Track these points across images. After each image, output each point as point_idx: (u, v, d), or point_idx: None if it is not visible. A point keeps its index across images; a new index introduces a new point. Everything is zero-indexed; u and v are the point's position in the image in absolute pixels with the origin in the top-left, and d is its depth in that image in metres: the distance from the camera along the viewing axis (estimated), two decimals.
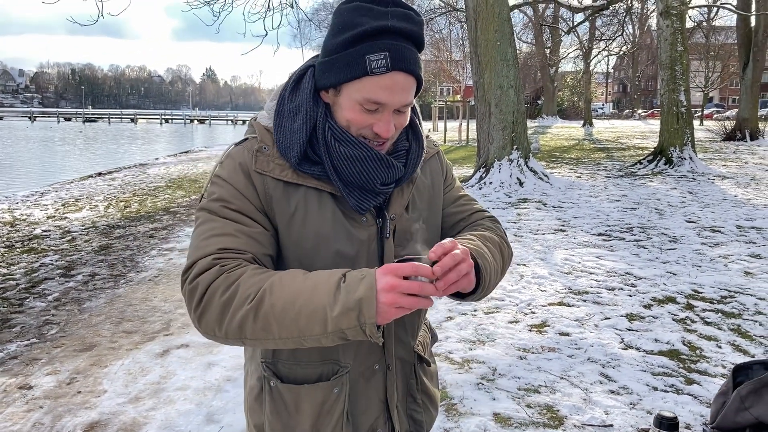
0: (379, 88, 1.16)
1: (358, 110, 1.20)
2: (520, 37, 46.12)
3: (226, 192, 1.23)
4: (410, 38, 1.18)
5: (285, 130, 1.26)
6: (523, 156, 12.31)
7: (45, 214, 10.16)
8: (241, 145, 1.29)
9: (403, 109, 1.23)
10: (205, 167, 19.04)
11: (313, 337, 1.08)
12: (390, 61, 1.14)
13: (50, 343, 4.54)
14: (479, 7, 12.00)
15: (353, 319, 1.05)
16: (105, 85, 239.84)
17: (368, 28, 1.14)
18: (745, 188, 11.81)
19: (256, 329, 1.09)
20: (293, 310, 1.07)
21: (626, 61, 66.16)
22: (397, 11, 1.17)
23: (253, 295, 1.09)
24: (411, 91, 1.21)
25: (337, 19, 1.19)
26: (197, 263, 1.15)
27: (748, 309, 5.02)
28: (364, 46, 1.15)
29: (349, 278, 1.08)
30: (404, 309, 1.06)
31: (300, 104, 1.26)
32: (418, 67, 1.20)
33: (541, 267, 6.34)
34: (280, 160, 1.25)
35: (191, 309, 1.14)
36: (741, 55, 24.33)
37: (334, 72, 1.19)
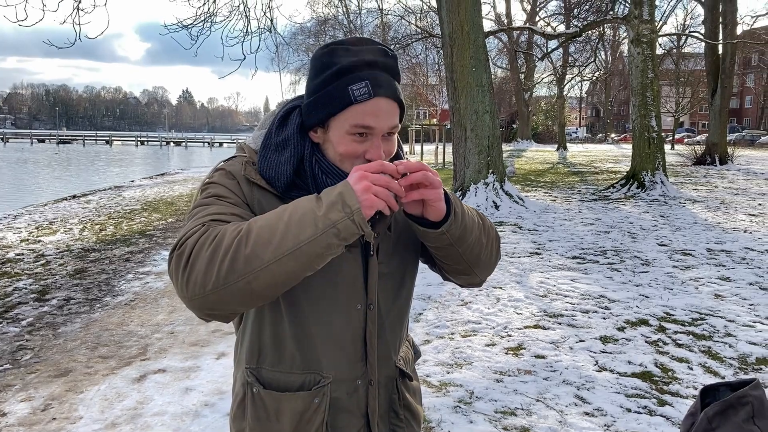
0: (365, 114, 1.23)
1: (349, 140, 1.25)
2: (495, 62, 46.82)
3: (219, 190, 1.28)
4: (386, 70, 1.26)
5: (271, 162, 1.30)
6: (499, 180, 12.46)
7: (18, 238, 10.04)
8: (230, 161, 1.36)
9: (390, 135, 1.29)
10: (181, 190, 18.94)
11: (308, 242, 1.09)
12: (371, 89, 1.22)
13: (24, 369, 4.49)
14: (455, 34, 12.20)
15: (339, 211, 1.10)
16: (80, 107, 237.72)
17: (346, 64, 1.22)
18: (715, 212, 12.06)
19: (248, 258, 1.08)
20: (282, 222, 1.11)
21: (599, 87, 67.33)
22: (371, 48, 1.26)
23: (239, 229, 1.12)
24: (395, 115, 1.27)
25: (316, 62, 1.28)
26: (187, 232, 1.17)
27: (718, 331, 5.13)
28: (345, 80, 1.22)
29: (324, 191, 1.16)
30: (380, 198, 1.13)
31: (287, 138, 1.31)
32: (398, 92, 1.27)
33: (517, 290, 6.42)
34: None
35: (179, 271, 1.12)
36: (710, 82, 24.92)
37: (320, 109, 1.26)
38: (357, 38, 1.28)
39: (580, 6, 23.83)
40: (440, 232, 1.27)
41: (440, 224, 1.26)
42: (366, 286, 1.36)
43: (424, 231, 1.28)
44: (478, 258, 1.38)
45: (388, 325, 1.43)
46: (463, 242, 1.32)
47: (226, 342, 5.02)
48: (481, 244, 1.38)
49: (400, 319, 1.48)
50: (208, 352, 4.79)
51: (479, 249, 1.37)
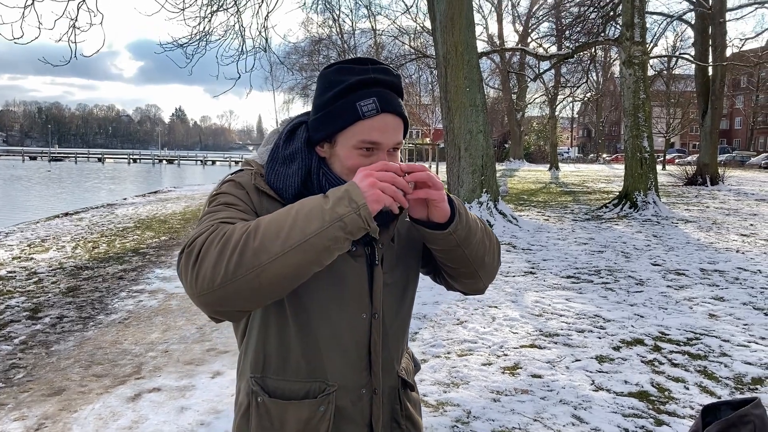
0: (373, 130, 1.27)
1: (356, 155, 1.29)
2: (487, 82, 47.14)
3: (228, 198, 1.31)
4: (392, 88, 1.31)
5: (279, 174, 1.34)
6: (493, 199, 12.51)
7: (10, 255, 9.97)
8: (238, 173, 1.39)
9: (394, 150, 1.33)
10: (174, 208, 18.90)
11: (316, 234, 1.11)
12: (379, 105, 1.27)
13: (17, 388, 4.45)
14: (449, 55, 12.31)
15: (346, 205, 1.12)
16: (72, 124, 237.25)
17: (354, 81, 1.27)
18: (707, 232, 12.13)
19: (256, 251, 1.09)
20: (290, 217, 1.13)
21: (590, 107, 67.86)
22: (377, 67, 1.31)
23: (247, 226, 1.14)
24: (401, 131, 1.32)
25: (323, 80, 1.33)
26: (197, 232, 1.19)
27: (713, 351, 5.15)
28: (352, 96, 1.27)
29: (330, 190, 1.18)
30: (386, 195, 1.15)
31: (295, 151, 1.35)
32: (404, 109, 1.32)
33: (512, 309, 6.42)
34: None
35: (188, 268, 1.13)
36: (700, 103, 25.18)
37: (327, 124, 1.30)
38: (362, 58, 1.32)
39: (571, 28, 24.08)
40: (447, 232, 1.30)
41: (446, 225, 1.30)
42: (371, 295, 1.38)
43: (431, 233, 1.32)
44: (483, 260, 1.42)
45: (391, 334, 1.45)
46: (469, 243, 1.36)
47: (221, 361, 4.99)
48: (485, 245, 1.42)
49: (402, 329, 1.51)
50: (203, 371, 4.76)
51: (483, 251, 1.41)
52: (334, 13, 34.73)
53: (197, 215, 16.36)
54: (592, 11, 22.38)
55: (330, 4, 28.97)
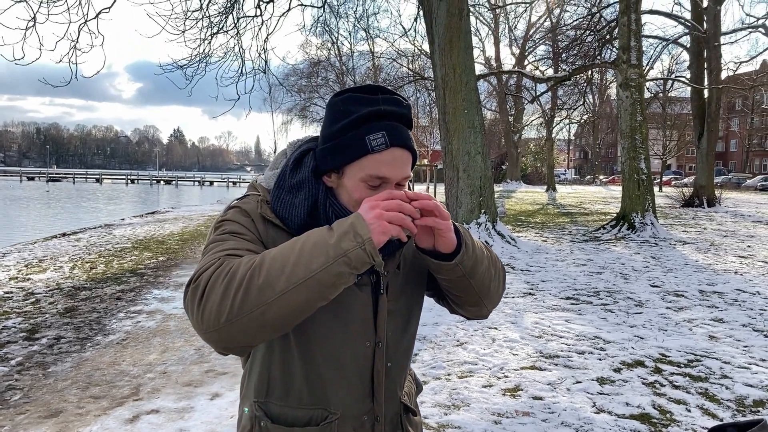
0: (381, 164, 1.26)
1: (363, 188, 1.28)
2: (484, 104, 47.44)
3: (234, 227, 1.30)
4: (401, 120, 1.30)
5: (285, 203, 1.33)
6: (491, 220, 12.53)
7: (7, 276, 9.93)
8: (243, 199, 1.37)
9: (402, 183, 1.32)
10: (172, 228, 18.88)
11: (320, 271, 1.10)
12: (388, 139, 1.25)
13: (14, 410, 4.40)
14: (447, 77, 12.40)
15: (351, 240, 1.11)
16: (70, 145, 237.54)
17: (364, 113, 1.26)
18: (705, 253, 12.14)
19: (261, 289, 1.09)
20: (294, 252, 1.12)
21: (587, 129, 68.25)
22: (387, 97, 1.29)
23: (252, 261, 1.13)
24: (409, 165, 1.31)
25: (332, 110, 1.31)
26: (203, 266, 1.18)
27: (714, 373, 5.13)
28: (362, 129, 1.26)
29: (336, 222, 1.17)
30: (393, 225, 1.14)
31: (302, 181, 1.34)
32: (413, 142, 1.30)
33: (512, 330, 6.40)
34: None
35: (194, 305, 1.13)
36: (696, 126, 25.35)
37: (336, 156, 1.29)
38: (373, 86, 1.31)
39: (568, 51, 24.28)
40: (453, 263, 1.29)
41: (453, 256, 1.29)
42: (375, 324, 1.38)
43: (437, 264, 1.31)
44: (488, 289, 1.41)
45: (395, 361, 1.45)
46: (475, 273, 1.35)
47: (220, 382, 4.96)
48: (491, 274, 1.41)
49: (406, 356, 1.51)
50: (202, 393, 4.72)
51: (489, 279, 1.40)
52: (333, 36, 34.98)
53: (195, 236, 16.35)
54: (588, 35, 22.59)
55: (329, 27, 29.18)
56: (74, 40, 12.09)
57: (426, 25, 13.13)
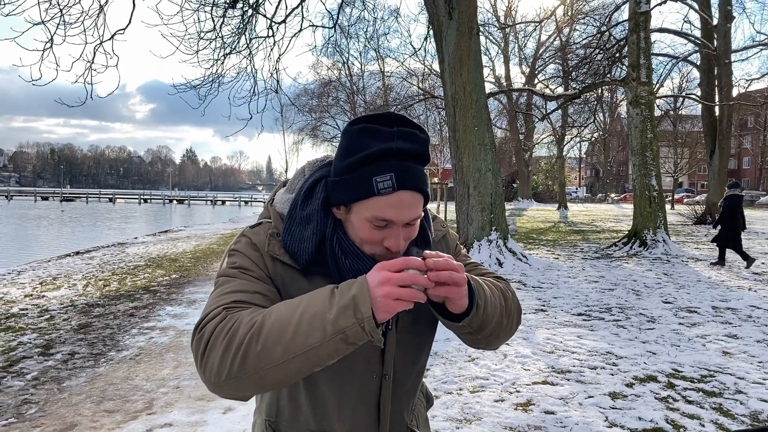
0: (387, 207, 1.22)
1: (368, 228, 1.25)
2: (495, 123, 47.56)
3: (242, 260, 1.30)
4: (416, 158, 1.24)
5: (294, 236, 1.31)
6: (502, 237, 12.53)
7: (22, 293, 10.03)
8: (256, 228, 1.37)
9: (412, 222, 1.28)
10: (185, 246, 19.00)
11: (316, 346, 1.09)
12: (396, 182, 1.20)
13: (29, 423, 4.45)
14: (457, 95, 12.49)
15: (350, 317, 1.08)
16: (84, 165, 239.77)
17: (375, 151, 1.20)
18: (718, 270, 12.07)
19: (259, 356, 1.09)
20: (292, 323, 1.09)
21: (598, 147, 68.23)
22: (403, 131, 1.22)
23: (253, 325, 1.12)
24: (418, 206, 1.26)
25: (345, 140, 1.26)
26: (209, 314, 1.19)
27: (728, 388, 5.10)
28: (370, 168, 1.20)
29: (341, 285, 1.13)
30: (403, 302, 1.09)
31: (311, 214, 1.32)
32: (424, 183, 1.25)
33: (523, 346, 6.39)
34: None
35: (198, 357, 1.15)
36: (707, 143, 25.33)
37: (343, 191, 1.26)
38: (390, 117, 1.24)
39: (578, 69, 24.37)
40: (461, 325, 1.27)
41: (462, 316, 1.26)
42: (383, 358, 1.37)
43: (445, 321, 1.29)
44: (497, 338, 1.39)
45: (403, 391, 1.45)
46: (483, 329, 1.32)
47: None
48: (501, 325, 1.37)
49: (414, 386, 1.50)
50: (214, 407, 4.75)
51: (498, 331, 1.37)
52: (344, 56, 35.23)
53: (207, 254, 16.44)
54: (598, 53, 22.69)
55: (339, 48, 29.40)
56: (90, 61, 12.31)
57: (436, 44, 13.25)
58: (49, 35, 11.49)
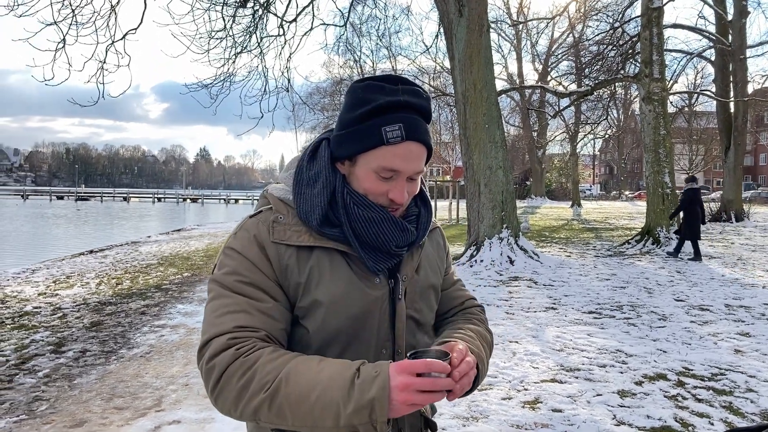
0: (395, 157, 1.25)
1: (374, 178, 1.28)
2: (507, 120, 47.43)
3: (239, 265, 1.28)
4: (420, 112, 1.28)
5: (305, 196, 1.32)
6: (513, 235, 12.49)
7: (36, 291, 10.13)
8: (255, 218, 1.35)
9: (414, 177, 1.31)
10: (197, 245, 19.10)
11: (325, 428, 1.12)
12: (404, 132, 1.23)
13: (40, 420, 4.49)
14: (468, 92, 12.46)
15: (365, 417, 1.09)
16: (99, 165, 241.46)
17: (383, 103, 1.23)
18: (732, 268, 11.97)
19: (270, 416, 1.13)
20: (308, 402, 1.11)
21: (612, 144, 67.81)
22: (407, 88, 1.27)
23: (269, 384, 1.13)
24: (423, 159, 1.30)
25: (351, 96, 1.29)
26: (212, 342, 1.20)
27: (739, 386, 5.05)
28: (379, 119, 1.24)
29: (363, 374, 1.11)
30: (417, 405, 1.10)
31: (319, 171, 1.33)
32: (429, 137, 1.29)
33: (533, 344, 6.37)
34: (297, 227, 1.31)
35: (208, 389, 1.19)
36: (722, 140, 25.09)
37: (350, 144, 1.28)
38: (393, 76, 1.29)
39: (591, 66, 24.22)
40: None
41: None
42: (393, 332, 1.36)
43: None
44: None
45: None
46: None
47: None
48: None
49: None
50: None
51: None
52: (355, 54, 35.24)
53: (219, 252, 16.50)
54: (611, 50, 22.54)
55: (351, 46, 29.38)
56: (102, 61, 12.40)
57: (446, 42, 13.21)
58: (62, 35, 11.59)
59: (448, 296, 1.57)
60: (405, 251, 1.37)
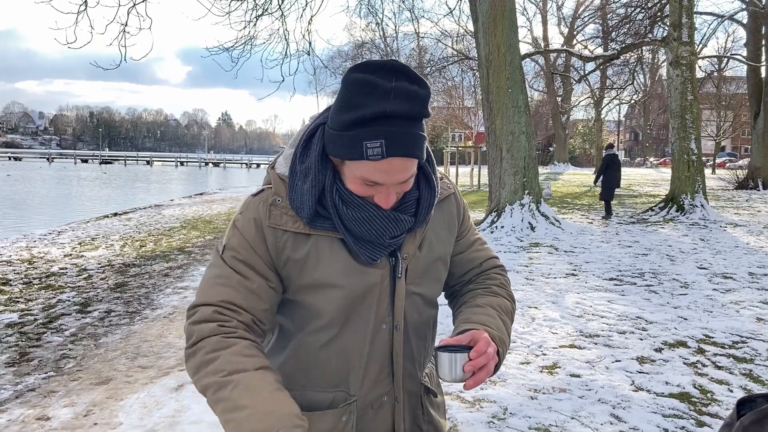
0: (376, 171, 1.20)
1: (359, 183, 1.24)
2: (531, 85, 46.72)
3: (237, 242, 1.30)
4: (410, 118, 1.18)
5: (297, 190, 1.30)
6: (535, 201, 12.41)
7: (62, 252, 10.32)
8: (257, 197, 1.34)
9: (403, 183, 1.27)
10: (219, 209, 19.27)
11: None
12: (385, 149, 1.16)
13: (67, 377, 4.62)
14: (491, 56, 12.27)
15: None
16: (122, 128, 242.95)
17: (367, 114, 1.15)
18: (757, 236, 11.80)
19: (210, 400, 1.16)
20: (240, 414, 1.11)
21: (637, 110, 66.66)
22: (401, 89, 1.15)
23: (223, 374, 1.16)
24: (409, 170, 1.24)
25: (342, 92, 1.21)
26: (200, 309, 1.25)
27: (760, 354, 5.02)
28: (362, 131, 1.16)
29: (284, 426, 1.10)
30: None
31: (309, 166, 1.29)
32: (417, 148, 1.21)
33: (552, 310, 6.37)
34: (293, 212, 1.30)
35: (186, 346, 1.25)
36: (752, 105, 24.54)
37: (335, 148, 1.24)
38: (391, 67, 1.17)
39: (617, 29, 23.68)
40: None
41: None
42: (393, 308, 1.36)
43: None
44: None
45: (414, 343, 1.43)
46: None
47: None
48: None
49: (425, 337, 1.48)
50: None
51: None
52: (377, 17, 34.89)
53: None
54: (638, 12, 21.98)
55: (373, 8, 29.15)
56: (123, 24, 12.39)
57: (470, 4, 13.00)
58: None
59: (464, 259, 1.55)
60: (401, 238, 1.35)
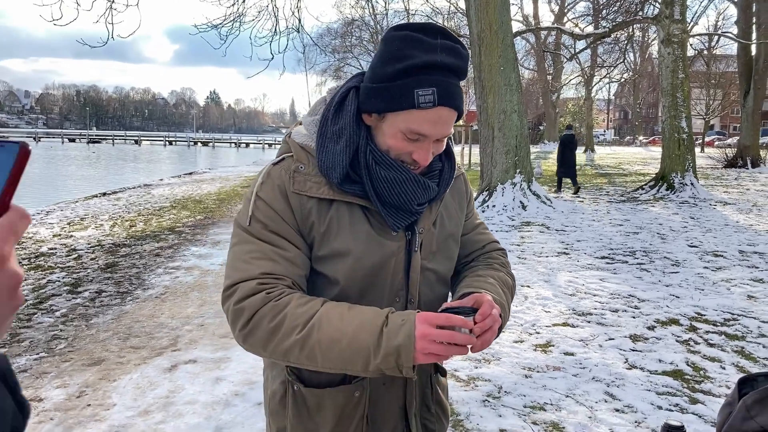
0: (425, 121, 1.21)
1: (400, 138, 1.25)
2: (522, 63, 46.51)
3: (265, 214, 1.29)
4: (457, 73, 1.23)
5: (328, 151, 1.30)
6: (526, 180, 12.40)
7: (51, 233, 10.23)
8: (278, 165, 1.33)
9: (442, 138, 1.28)
10: (209, 188, 19.15)
11: (354, 370, 1.17)
12: (437, 97, 1.19)
13: (59, 357, 4.58)
14: (483, 33, 12.18)
15: (392, 362, 1.13)
16: (109, 107, 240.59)
17: (418, 63, 1.18)
18: (747, 214, 11.86)
19: (301, 357, 1.17)
20: (338, 346, 1.15)
21: (627, 89, 66.57)
22: (446, 44, 1.21)
23: (300, 327, 1.17)
24: (452, 123, 1.26)
25: (386, 46, 1.23)
26: (240, 285, 1.23)
27: (751, 331, 5.05)
28: (412, 80, 1.19)
29: (391, 323, 1.15)
30: (439, 356, 1.13)
31: (343, 127, 1.29)
32: (461, 101, 1.25)
33: (545, 289, 6.38)
34: (317, 178, 1.30)
35: (236, 329, 1.22)
36: (742, 84, 24.52)
37: (380, 100, 1.24)
38: (433, 27, 1.23)
39: (609, 7, 23.54)
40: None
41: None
42: (408, 282, 1.37)
43: None
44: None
45: None
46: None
47: None
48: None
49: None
50: (237, 344, 4.84)
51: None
52: None
53: (231, 196, 16.56)
54: None
55: None
56: (110, 0, 12.16)
57: None
58: None
59: (469, 240, 1.57)
60: (425, 207, 1.37)
